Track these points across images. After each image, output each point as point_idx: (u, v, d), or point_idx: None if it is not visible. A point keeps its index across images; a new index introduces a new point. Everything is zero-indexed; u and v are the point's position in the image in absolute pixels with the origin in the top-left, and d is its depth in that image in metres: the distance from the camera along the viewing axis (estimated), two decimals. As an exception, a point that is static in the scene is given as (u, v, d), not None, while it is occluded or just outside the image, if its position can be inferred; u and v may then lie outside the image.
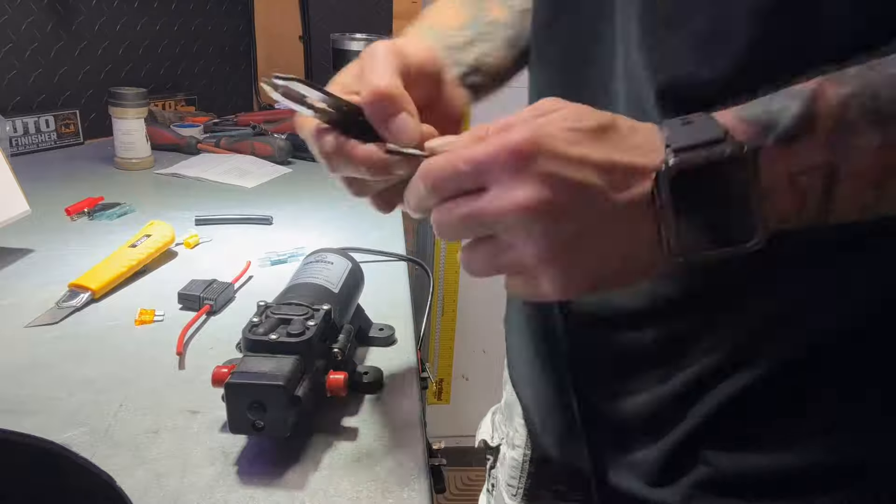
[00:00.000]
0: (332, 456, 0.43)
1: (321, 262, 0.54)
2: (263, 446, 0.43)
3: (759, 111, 0.29)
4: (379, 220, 0.88)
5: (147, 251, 0.69)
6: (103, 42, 1.23)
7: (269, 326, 0.44)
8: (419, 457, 0.43)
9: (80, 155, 1.13)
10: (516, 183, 0.28)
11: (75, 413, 0.46)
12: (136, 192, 0.97)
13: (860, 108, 0.28)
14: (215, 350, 0.55)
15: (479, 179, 0.29)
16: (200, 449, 0.43)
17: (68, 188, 0.93)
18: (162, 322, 0.59)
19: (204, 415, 0.46)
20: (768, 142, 0.28)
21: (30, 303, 0.61)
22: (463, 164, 0.29)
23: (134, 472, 0.41)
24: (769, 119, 0.28)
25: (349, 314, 0.53)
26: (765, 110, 0.29)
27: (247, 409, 0.40)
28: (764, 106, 0.29)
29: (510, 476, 0.58)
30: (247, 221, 0.85)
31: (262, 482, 0.40)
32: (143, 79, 1.29)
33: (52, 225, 0.81)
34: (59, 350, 0.55)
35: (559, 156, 0.28)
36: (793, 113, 0.28)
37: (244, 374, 0.40)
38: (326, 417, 0.46)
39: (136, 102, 1.03)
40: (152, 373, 0.52)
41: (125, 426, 0.45)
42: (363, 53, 0.39)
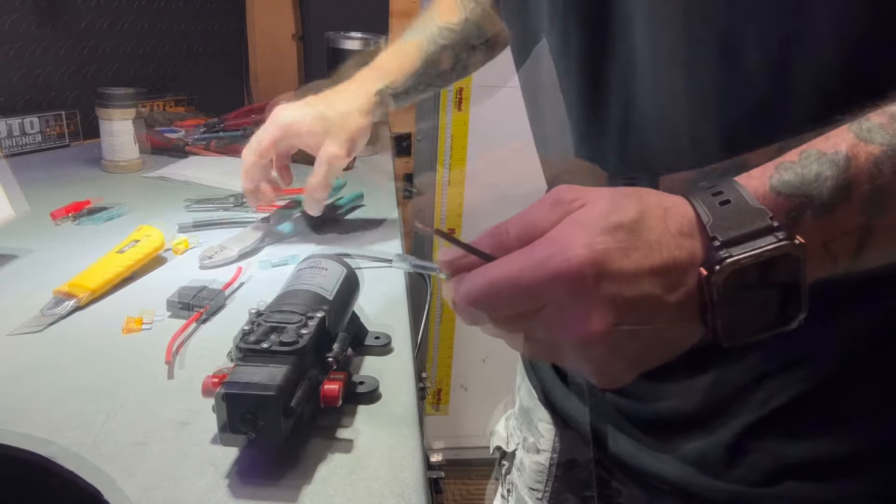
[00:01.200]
0: (327, 468, 0.42)
1: (315, 268, 0.53)
2: (256, 458, 0.42)
3: (793, 181, 0.29)
4: (375, 225, 0.87)
5: (135, 257, 0.67)
6: (90, 41, 1.21)
7: (262, 334, 0.43)
8: (417, 469, 0.42)
9: (66, 157, 1.11)
10: (579, 309, 0.27)
11: (61, 424, 0.45)
12: (123, 195, 0.95)
13: (892, 168, 0.28)
14: (206, 359, 0.54)
15: (538, 303, 0.28)
16: (191, 461, 0.42)
17: (53, 191, 0.91)
18: (150, 330, 0.58)
19: (194, 426, 0.45)
20: (807, 216, 0.28)
21: (13, 310, 0.60)
22: (520, 291, 0.28)
23: (122, 485, 0.40)
24: (806, 191, 0.29)
25: (344, 322, 0.52)
26: (801, 181, 0.29)
27: (238, 419, 0.39)
28: (797, 175, 0.29)
29: (534, 480, 0.59)
30: (232, 225, 0.83)
31: (254, 495, 0.39)
32: (132, 79, 1.28)
33: (36, 230, 0.79)
34: (44, 359, 0.53)
35: (618, 274, 0.27)
36: (831, 184, 0.28)
37: (235, 383, 0.39)
38: (320, 428, 0.46)
39: (125, 103, 1.01)
40: (140, 382, 0.50)
41: (112, 438, 0.44)
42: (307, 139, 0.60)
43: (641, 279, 0.27)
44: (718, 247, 0.28)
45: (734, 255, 0.27)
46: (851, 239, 0.29)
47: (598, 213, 0.28)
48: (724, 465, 0.42)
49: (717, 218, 0.28)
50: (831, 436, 0.39)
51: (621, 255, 0.27)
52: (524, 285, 0.28)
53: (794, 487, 0.40)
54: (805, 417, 0.40)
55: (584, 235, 0.28)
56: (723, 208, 0.28)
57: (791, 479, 0.40)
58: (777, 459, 0.40)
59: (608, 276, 0.27)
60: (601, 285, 0.27)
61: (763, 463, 0.41)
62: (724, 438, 0.42)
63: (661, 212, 0.29)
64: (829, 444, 0.39)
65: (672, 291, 0.28)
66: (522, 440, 0.61)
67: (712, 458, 0.42)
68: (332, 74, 1.21)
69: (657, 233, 0.28)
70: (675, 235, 0.28)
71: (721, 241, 0.28)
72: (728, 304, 0.28)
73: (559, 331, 0.28)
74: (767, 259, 0.28)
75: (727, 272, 0.27)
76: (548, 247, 0.28)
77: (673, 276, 0.28)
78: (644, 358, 0.30)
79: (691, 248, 0.28)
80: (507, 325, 0.30)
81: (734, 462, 0.42)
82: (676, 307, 0.28)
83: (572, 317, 0.28)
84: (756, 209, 0.28)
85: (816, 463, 0.40)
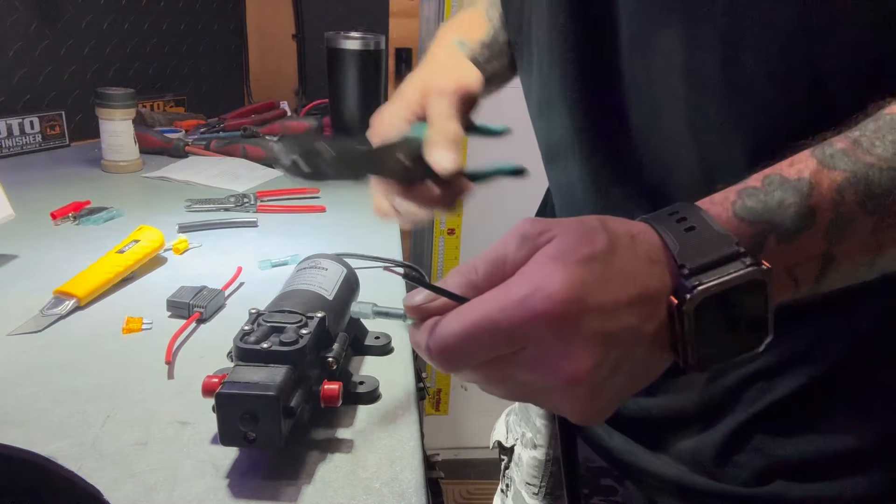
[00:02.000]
0: (327, 469, 0.42)
1: (315, 269, 0.53)
2: (255, 459, 0.42)
3: (756, 207, 0.29)
4: (374, 225, 0.87)
5: (135, 257, 0.67)
6: (90, 41, 1.21)
7: (262, 335, 0.43)
8: (417, 470, 0.42)
9: (66, 157, 1.11)
10: (563, 348, 0.26)
11: (61, 424, 0.45)
12: (123, 195, 0.95)
13: (854, 195, 0.28)
14: (205, 359, 0.54)
15: (518, 344, 0.27)
16: (190, 462, 0.42)
17: (53, 192, 0.91)
18: (150, 330, 0.58)
19: (194, 426, 0.45)
20: (770, 242, 0.28)
21: (13, 310, 0.60)
22: (500, 333, 0.26)
23: (122, 485, 0.40)
24: (770, 217, 0.28)
25: (344, 322, 0.52)
26: (764, 207, 0.29)
27: (238, 420, 0.39)
28: (760, 202, 0.29)
29: (531, 475, 0.59)
30: (231, 225, 0.83)
31: (254, 496, 0.39)
32: (131, 79, 1.27)
33: (36, 230, 0.79)
34: (44, 359, 0.53)
35: (598, 308, 0.26)
36: (793, 211, 0.28)
37: (235, 384, 0.39)
38: (320, 429, 0.46)
39: (124, 103, 1.01)
40: (140, 383, 0.50)
41: (113, 438, 0.44)
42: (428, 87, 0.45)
43: (621, 311, 0.27)
44: (687, 275, 0.27)
45: (703, 282, 0.27)
46: (814, 264, 0.29)
47: (568, 246, 0.27)
48: (716, 464, 0.42)
49: (683, 245, 0.28)
50: (822, 435, 0.39)
51: (599, 287, 0.26)
52: (504, 327, 0.26)
53: (785, 487, 0.40)
54: (795, 417, 0.40)
55: (561, 271, 0.26)
56: (688, 235, 0.28)
57: (781, 479, 0.40)
58: (767, 459, 0.40)
59: (590, 311, 0.26)
60: (583, 321, 0.26)
61: (754, 462, 0.41)
62: (716, 437, 0.42)
63: (628, 239, 0.28)
64: (820, 444, 0.39)
65: (648, 321, 0.27)
66: (521, 435, 0.61)
67: (704, 456, 0.43)
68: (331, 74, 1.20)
69: (628, 261, 0.28)
70: (646, 263, 0.28)
71: (689, 269, 0.27)
72: (698, 332, 0.27)
73: (543, 373, 0.27)
74: (736, 285, 0.27)
75: (698, 300, 0.27)
76: (524, 285, 0.26)
77: (648, 306, 0.27)
78: (623, 391, 0.29)
79: (661, 275, 0.28)
80: (484, 370, 0.28)
81: (725, 461, 0.42)
82: (652, 337, 0.28)
83: (556, 357, 0.26)
84: (722, 235, 0.28)
85: (807, 462, 0.40)
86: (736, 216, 0.29)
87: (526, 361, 0.27)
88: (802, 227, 0.28)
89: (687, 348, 0.28)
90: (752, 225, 0.29)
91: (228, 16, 1.47)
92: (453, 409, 1.79)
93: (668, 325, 0.28)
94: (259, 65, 1.52)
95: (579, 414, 0.29)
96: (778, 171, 0.29)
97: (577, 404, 0.28)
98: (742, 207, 0.29)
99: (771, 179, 0.29)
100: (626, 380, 0.29)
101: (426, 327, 0.28)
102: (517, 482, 0.61)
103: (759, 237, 0.28)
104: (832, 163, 0.29)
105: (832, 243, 0.29)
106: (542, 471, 0.58)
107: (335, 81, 1.18)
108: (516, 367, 0.27)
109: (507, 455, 0.63)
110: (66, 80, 1.18)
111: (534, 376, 0.27)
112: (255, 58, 1.52)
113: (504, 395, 0.30)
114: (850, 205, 0.28)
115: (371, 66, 1.17)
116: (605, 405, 0.29)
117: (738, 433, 0.41)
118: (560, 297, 0.26)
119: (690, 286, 0.27)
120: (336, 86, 1.19)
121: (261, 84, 1.53)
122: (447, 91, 0.45)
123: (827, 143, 0.30)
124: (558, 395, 0.28)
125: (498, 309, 0.26)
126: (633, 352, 0.28)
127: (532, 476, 0.59)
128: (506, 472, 0.64)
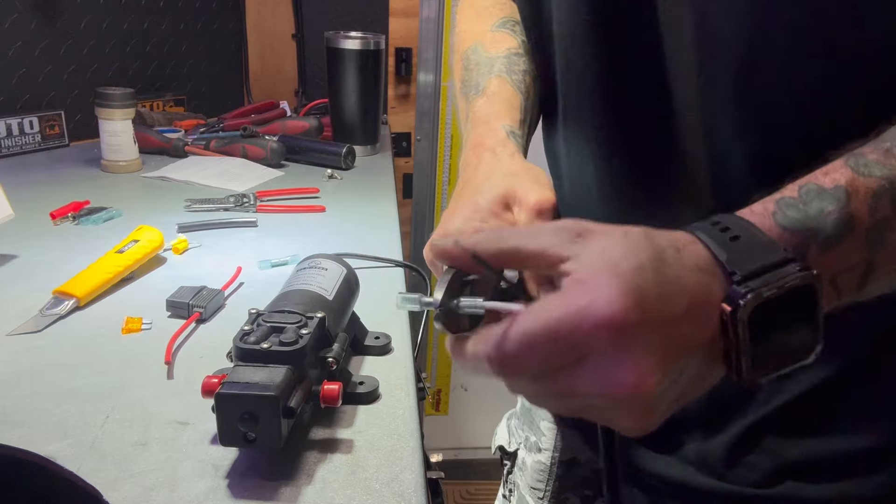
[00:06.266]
0: (327, 469, 0.42)
1: (315, 269, 0.53)
2: (255, 459, 0.42)
3: (797, 216, 0.29)
4: (375, 225, 0.87)
5: (134, 257, 0.67)
6: (89, 40, 1.21)
7: (261, 335, 0.43)
8: (416, 470, 0.42)
9: (65, 157, 1.11)
10: (627, 358, 0.25)
11: (60, 425, 0.45)
12: (122, 195, 0.95)
13: (890, 202, 0.28)
14: (205, 359, 0.54)
15: (577, 354, 0.26)
16: (190, 462, 0.42)
17: (53, 191, 0.91)
18: (150, 330, 0.58)
19: (194, 426, 0.45)
20: (813, 251, 0.28)
21: (12, 310, 0.59)
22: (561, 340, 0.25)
23: (121, 485, 0.40)
24: (811, 226, 0.29)
25: (344, 322, 0.52)
26: (804, 217, 0.29)
27: (238, 420, 0.39)
28: (800, 212, 0.29)
29: (536, 480, 0.59)
30: (231, 225, 0.83)
31: (253, 496, 0.39)
32: (131, 78, 1.27)
33: (35, 230, 0.79)
34: (43, 359, 0.53)
35: (658, 318, 0.26)
36: (834, 219, 0.28)
37: (235, 384, 0.39)
38: (320, 429, 0.46)
39: (124, 103, 1.01)
40: (140, 383, 0.50)
41: (112, 438, 0.44)
42: (510, 198, 0.39)
43: (679, 320, 0.26)
44: (739, 281, 0.27)
45: (755, 288, 0.26)
46: (855, 273, 0.29)
47: (618, 254, 0.26)
48: (724, 466, 0.42)
49: (731, 253, 0.27)
50: (832, 436, 0.39)
51: (656, 297, 0.26)
52: (564, 335, 0.25)
53: (794, 488, 0.40)
54: (807, 418, 0.40)
55: (619, 279, 0.25)
56: (734, 244, 0.28)
57: (791, 480, 0.40)
58: (777, 460, 0.40)
59: (650, 320, 0.25)
60: (645, 331, 0.25)
61: (763, 463, 0.41)
62: (725, 439, 0.42)
63: (674, 251, 0.28)
64: (831, 445, 0.39)
65: (703, 330, 0.27)
66: (524, 440, 0.61)
67: (712, 458, 0.42)
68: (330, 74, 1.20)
69: (678, 271, 0.27)
70: (695, 272, 0.27)
71: (742, 276, 0.27)
72: (752, 340, 0.27)
73: (605, 384, 0.26)
74: (789, 290, 0.27)
75: (751, 307, 0.26)
76: (583, 293, 0.26)
77: (702, 315, 0.27)
78: (676, 403, 0.28)
79: (711, 284, 0.27)
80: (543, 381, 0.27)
81: (734, 462, 0.42)
82: (707, 348, 0.27)
83: (620, 368, 0.25)
84: (769, 242, 0.28)
85: (817, 463, 0.40)
86: (778, 225, 0.29)
87: (586, 372, 0.26)
88: (843, 235, 0.28)
89: (741, 358, 0.27)
90: (794, 234, 0.28)
91: (228, 16, 1.47)
92: (453, 410, 1.78)
93: (721, 334, 0.27)
94: (259, 65, 1.52)
95: (636, 427, 0.28)
96: (813, 181, 0.29)
97: (635, 417, 0.27)
98: (783, 217, 0.29)
99: (808, 189, 0.29)
100: (680, 391, 0.28)
101: (488, 337, 0.27)
102: (521, 487, 0.61)
103: (802, 247, 0.28)
104: (867, 171, 0.29)
105: (871, 250, 0.29)
106: (547, 475, 0.58)
107: (335, 81, 1.18)
108: (576, 377, 0.26)
109: (510, 460, 0.63)
110: (65, 79, 1.18)
111: (595, 387, 0.26)
112: (254, 58, 1.52)
113: (556, 409, 0.29)
114: (887, 210, 0.28)
115: (371, 66, 1.17)
116: (659, 417, 0.28)
117: (749, 434, 0.41)
118: (621, 305, 0.25)
119: (743, 292, 0.26)
120: (336, 86, 1.19)
121: (260, 84, 1.53)
122: (531, 206, 0.40)
123: (858, 154, 0.30)
124: (616, 407, 0.27)
125: (558, 317, 0.25)
126: (689, 363, 0.27)
127: (537, 480, 0.59)
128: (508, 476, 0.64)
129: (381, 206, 0.94)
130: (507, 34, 0.52)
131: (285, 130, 1.22)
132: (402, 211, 0.96)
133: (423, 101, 1.51)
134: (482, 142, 0.44)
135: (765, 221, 0.29)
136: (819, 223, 0.28)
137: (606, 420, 0.29)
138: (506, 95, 0.47)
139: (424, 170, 1.58)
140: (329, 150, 1.12)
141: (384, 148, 1.28)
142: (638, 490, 0.47)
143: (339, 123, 1.21)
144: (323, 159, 1.11)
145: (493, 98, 0.47)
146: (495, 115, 0.46)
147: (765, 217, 0.29)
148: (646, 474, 0.46)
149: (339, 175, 1.07)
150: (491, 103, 0.47)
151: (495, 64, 0.49)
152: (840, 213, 0.28)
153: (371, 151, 1.23)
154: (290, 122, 1.27)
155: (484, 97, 0.48)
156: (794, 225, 0.29)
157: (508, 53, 0.50)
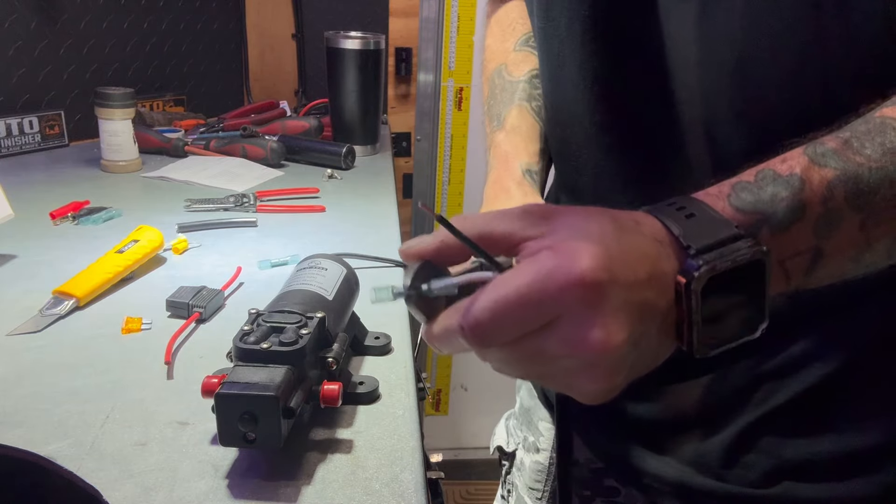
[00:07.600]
0: (327, 469, 0.42)
1: (315, 269, 0.53)
2: (255, 459, 0.42)
3: (750, 199, 0.30)
4: (374, 225, 0.87)
5: (134, 257, 0.67)
6: (89, 40, 1.21)
7: (261, 335, 0.43)
8: (416, 470, 0.42)
9: (65, 157, 1.11)
10: (596, 318, 0.26)
11: (60, 425, 0.45)
12: (122, 195, 0.95)
13: (844, 193, 0.29)
14: (205, 359, 0.54)
15: (549, 315, 0.27)
16: (190, 462, 0.42)
17: (53, 191, 0.91)
18: (150, 330, 0.58)
19: (194, 427, 0.45)
20: (764, 233, 0.29)
21: (12, 310, 0.59)
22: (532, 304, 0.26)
23: (121, 486, 0.40)
24: (763, 210, 0.30)
25: (344, 322, 0.52)
26: (757, 200, 0.30)
27: (238, 420, 0.39)
28: (754, 195, 0.30)
29: (534, 480, 0.59)
30: (231, 225, 0.83)
31: (253, 496, 0.39)
32: (131, 78, 1.27)
33: (35, 230, 0.79)
34: (43, 359, 0.53)
35: (624, 282, 0.26)
36: (786, 205, 0.29)
37: (235, 384, 0.39)
38: (320, 429, 0.46)
39: (124, 103, 1.01)
40: (140, 383, 0.50)
41: (112, 438, 0.44)
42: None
43: (642, 285, 0.27)
44: (694, 255, 0.28)
45: (710, 261, 0.27)
46: (804, 258, 0.30)
47: (582, 224, 0.28)
48: (722, 466, 0.42)
49: (686, 229, 0.29)
50: (828, 437, 0.39)
51: (621, 261, 0.27)
52: (536, 298, 0.26)
53: (792, 488, 0.40)
54: (802, 418, 0.40)
55: (585, 244, 0.27)
56: (689, 220, 0.29)
57: (788, 480, 0.40)
58: (775, 460, 0.41)
59: (617, 282, 0.26)
60: (613, 292, 0.26)
61: (761, 463, 0.41)
62: (722, 439, 0.42)
63: (633, 223, 0.29)
64: (827, 445, 0.39)
65: (662, 298, 0.28)
66: (522, 440, 0.61)
67: (710, 458, 0.43)
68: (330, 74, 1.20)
69: (639, 240, 0.28)
70: (653, 242, 0.28)
71: (696, 249, 0.28)
72: (703, 312, 0.28)
73: (574, 344, 0.26)
74: (741, 265, 0.28)
75: (705, 279, 0.27)
76: (552, 257, 0.27)
77: (661, 283, 0.28)
78: (634, 371, 0.29)
79: (668, 255, 0.28)
80: (513, 346, 0.28)
81: (732, 462, 0.42)
82: (664, 315, 0.28)
83: (588, 327, 0.26)
84: (722, 220, 0.29)
85: (813, 463, 0.40)
86: (731, 206, 0.30)
87: (557, 334, 0.27)
88: (793, 221, 0.29)
89: (692, 329, 0.28)
90: (746, 215, 0.30)
91: (228, 15, 1.47)
92: (453, 410, 1.78)
93: (675, 305, 0.28)
94: (259, 64, 1.52)
95: (597, 390, 0.28)
96: (770, 167, 0.30)
97: (597, 379, 0.28)
98: (737, 199, 0.30)
99: (764, 174, 0.30)
100: (639, 358, 0.29)
101: (458, 308, 0.28)
102: (520, 487, 0.61)
103: (754, 227, 0.29)
104: (823, 161, 0.30)
105: (821, 238, 0.30)
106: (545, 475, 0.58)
107: (335, 81, 1.18)
108: (545, 340, 0.27)
109: (509, 460, 0.63)
110: (65, 79, 1.18)
111: (564, 349, 0.27)
112: (254, 57, 1.52)
113: (520, 374, 0.31)
114: (839, 201, 0.29)
115: (371, 66, 1.17)
116: (619, 384, 0.29)
117: (747, 434, 0.41)
118: (589, 265, 0.26)
119: (698, 265, 0.28)
120: (336, 85, 1.18)
121: (260, 84, 1.53)
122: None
123: (818, 142, 0.30)
124: (582, 369, 0.28)
125: (528, 281, 0.26)
126: (650, 329, 0.28)
127: (535, 481, 0.59)
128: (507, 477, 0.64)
129: (381, 206, 0.94)
130: (528, 53, 0.54)
131: (285, 130, 1.22)
132: (402, 211, 0.96)
133: (422, 101, 1.52)
134: (499, 179, 0.50)
135: (718, 202, 0.30)
136: (771, 207, 0.29)
137: (567, 386, 0.29)
138: (524, 128, 0.51)
139: (424, 170, 1.58)
140: (329, 150, 1.12)
141: (384, 148, 1.27)
142: (636, 490, 0.47)
143: (339, 123, 1.21)
144: (323, 159, 1.11)
145: (511, 133, 0.51)
146: (514, 152, 0.50)
147: (719, 198, 0.30)
148: (644, 475, 0.46)
149: (339, 175, 1.07)
150: (510, 139, 0.51)
151: (517, 91, 0.52)
152: (792, 200, 0.29)
153: (371, 151, 1.23)
154: (290, 122, 1.27)
155: (503, 132, 0.51)
156: (746, 207, 0.30)
157: (530, 77, 0.52)
